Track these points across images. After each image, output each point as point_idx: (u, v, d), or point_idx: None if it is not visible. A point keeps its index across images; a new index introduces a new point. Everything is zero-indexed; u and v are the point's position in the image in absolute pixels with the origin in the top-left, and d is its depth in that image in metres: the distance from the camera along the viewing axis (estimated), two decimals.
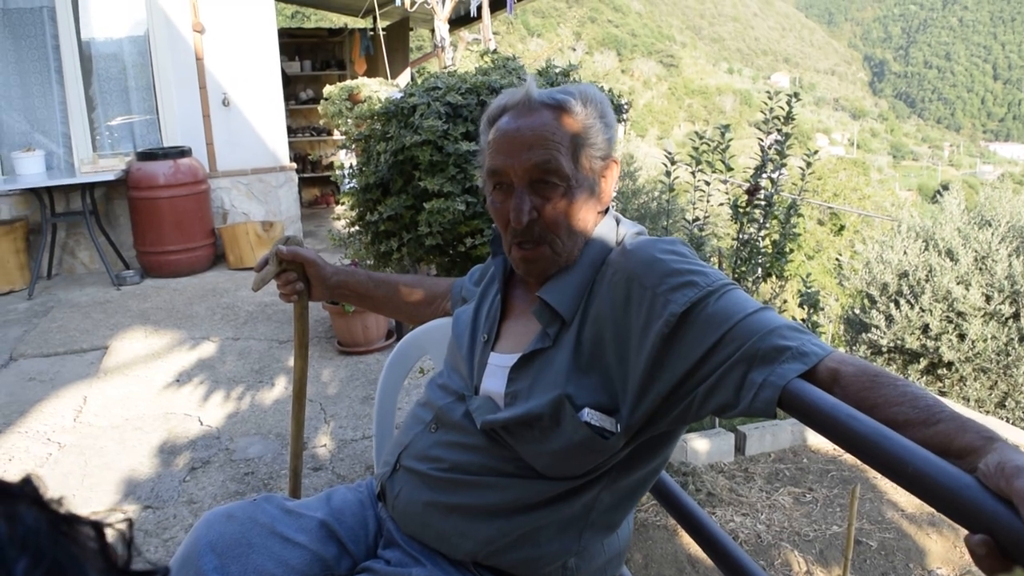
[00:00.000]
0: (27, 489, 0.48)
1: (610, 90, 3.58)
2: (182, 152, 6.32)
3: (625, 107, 3.69)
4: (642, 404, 1.18)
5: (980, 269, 6.15)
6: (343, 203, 3.66)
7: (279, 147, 7.20)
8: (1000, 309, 5.87)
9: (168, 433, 3.59)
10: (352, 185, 3.39)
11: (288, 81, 10.01)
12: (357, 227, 3.45)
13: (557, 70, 3.24)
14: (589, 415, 1.18)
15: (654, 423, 1.21)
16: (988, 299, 5.99)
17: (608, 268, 1.27)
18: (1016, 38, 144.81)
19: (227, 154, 6.94)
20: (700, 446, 3.50)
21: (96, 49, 6.64)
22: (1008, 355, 5.80)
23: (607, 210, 1.38)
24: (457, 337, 1.46)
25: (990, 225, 6.42)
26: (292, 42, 11.01)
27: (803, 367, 1.04)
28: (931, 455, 0.82)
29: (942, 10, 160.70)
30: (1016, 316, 5.89)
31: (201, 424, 3.69)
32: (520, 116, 1.27)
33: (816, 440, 3.74)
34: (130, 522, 0.51)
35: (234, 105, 6.92)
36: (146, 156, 6.20)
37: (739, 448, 3.63)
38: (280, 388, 4.07)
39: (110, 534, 0.49)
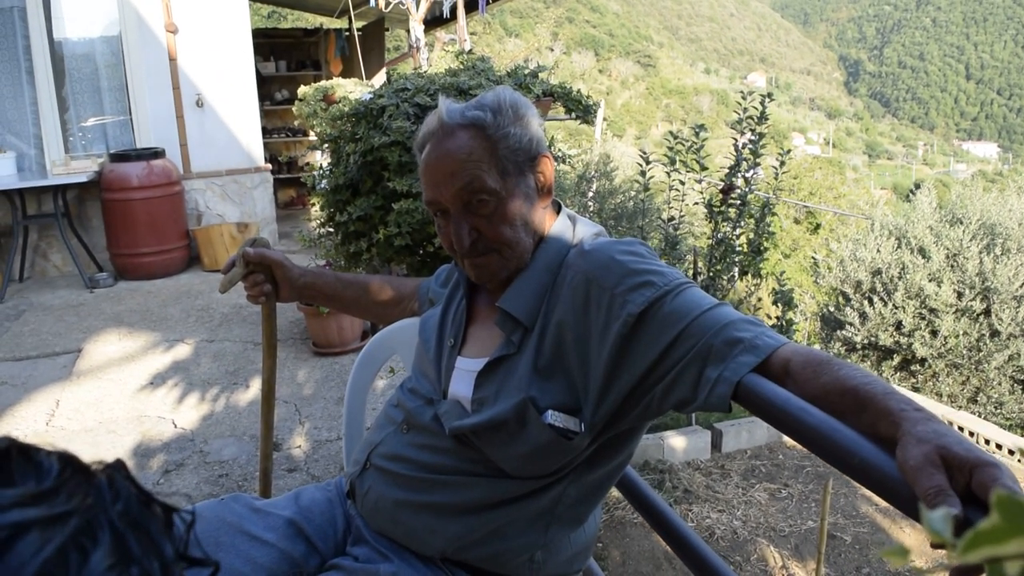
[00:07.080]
0: (119, 463, 0.52)
1: (578, 91, 3.60)
2: (156, 153, 6.27)
3: (593, 108, 3.71)
4: (604, 404, 1.20)
5: (952, 266, 6.22)
6: (316, 204, 3.65)
7: (254, 148, 7.16)
8: (971, 305, 5.93)
9: (142, 436, 3.56)
10: (323, 186, 3.38)
11: (263, 81, 9.95)
12: (328, 228, 3.44)
13: (527, 71, 3.25)
14: (553, 417, 1.20)
15: (616, 421, 1.23)
16: (959, 296, 6.05)
17: (567, 270, 1.28)
18: (988, 38, 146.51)
19: (201, 155, 6.89)
20: (677, 443, 3.51)
21: (68, 49, 6.57)
22: (979, 351, 5.87)
23: (559, 209, 1.39)
24: (424, 342, 1.46)
25: (961, 223, 6.48)
26: (267, 42, 10.94)
27: (755, 360, 1.05)
28: (874, 446, 0.82)
29: (916, 11, 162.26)
30: (987, 312, 5.96)
31: (175, 426, 3.66)
32: (439, 144, 1.28)
33: None
34: (193, 514, 0.54)
35: (208, 106, 6.87)
36: (119, 157, 6.14)
37: (715, 445, 3.65)
38: (255, 390, 4.04)
39: (176, 519, 0.53)
